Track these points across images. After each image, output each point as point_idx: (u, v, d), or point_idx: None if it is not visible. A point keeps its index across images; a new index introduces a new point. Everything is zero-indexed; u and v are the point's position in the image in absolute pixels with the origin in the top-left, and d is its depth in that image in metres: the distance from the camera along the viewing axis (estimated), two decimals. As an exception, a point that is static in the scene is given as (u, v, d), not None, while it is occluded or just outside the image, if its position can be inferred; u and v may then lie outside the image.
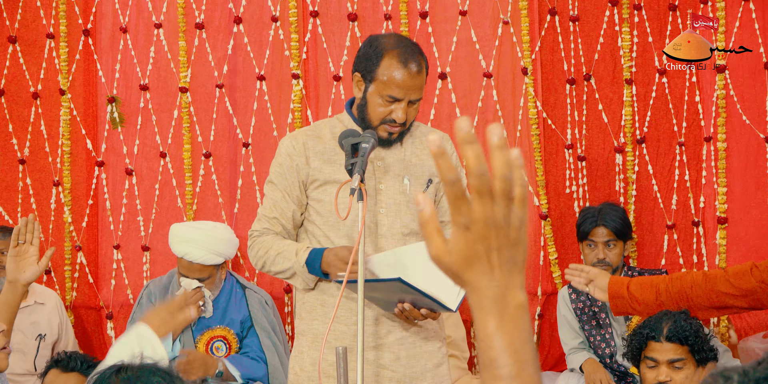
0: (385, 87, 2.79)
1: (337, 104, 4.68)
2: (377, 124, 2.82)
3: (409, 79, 2.78)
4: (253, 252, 2.88)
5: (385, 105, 2.80)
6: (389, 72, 2.78)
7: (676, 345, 3.13)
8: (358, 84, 2.86)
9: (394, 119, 2.80)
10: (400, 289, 2.62)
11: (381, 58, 2.80)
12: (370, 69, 2.81)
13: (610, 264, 4.23)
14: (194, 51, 4.79)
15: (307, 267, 2.77)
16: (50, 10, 4.86)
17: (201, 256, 4.14)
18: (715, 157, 4.55)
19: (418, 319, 2.77)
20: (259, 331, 4.27)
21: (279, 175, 2.90)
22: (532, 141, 4.60)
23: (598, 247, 4.23)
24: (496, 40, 4.64)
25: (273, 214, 2.88)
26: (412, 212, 2.89)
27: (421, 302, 2.70)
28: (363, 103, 2.85)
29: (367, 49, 2.84)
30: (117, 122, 4.83)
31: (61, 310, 4.62)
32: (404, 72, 2.77)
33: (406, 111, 2.80)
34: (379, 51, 2.81)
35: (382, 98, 2.80)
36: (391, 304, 2.74)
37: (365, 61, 2.83)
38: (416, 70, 2.79)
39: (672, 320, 3.15)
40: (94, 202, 4.84)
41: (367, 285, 2.60)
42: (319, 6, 4.71)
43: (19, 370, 4.39)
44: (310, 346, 2.89)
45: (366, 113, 2.84)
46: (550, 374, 4.54)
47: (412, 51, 2.81)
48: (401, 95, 2.79)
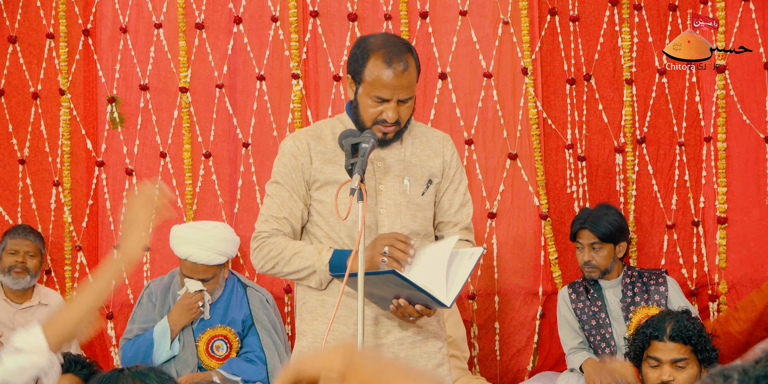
0: (372, 88, 2.78)
1: (337, 104, 4.68)
2: (370, 125, 2.82)
3: (395, 79, 2.77)
4: (263, 253, 2.84)
5: (375, 106, 2.80)
6: (374, 73, 2.77)
7: (679, 344, 3.13)
8: (350, 85, 2.86)
9: (385, 119, 2.80)
10: (394, 283, 2.62)
11: (367, 59, 2.79)
12: (357, 70, 2.81)
13: (597, 266, 4.23)
14: (194, 51, 4.79)
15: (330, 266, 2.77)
16: (50, 10, 4.86)
17: (205, 256, 4.14)
18: (715, 157, 4.55)
19: (413, 316, 2.75)
20: (260, 330, 4.27)
21: (284, 174, 2.89)
22: (532, 141, 4.60)
23: (584, 249, 4.24)
24: (496, 40, 4.64)
25: (282, 214, 2.86)
26: (412, 213, 2.89)
27: (416, 298, 2.69)
28: (355, 104, 2.85)
29: (356, 50, 2.84)
30: (117, 122, 4.83)
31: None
32: (389, 72, 2.76)
33: (396, 110, 2.79)
34: (365, 52, 2.80)
35: (370, 99, 2.80)
36: (387, 301, 2.74)
37: (353, 63, 2.83)
38: (402, 69, 2.77)
39: (675, 320, 3.15)
40: (94, 202, 4.84)
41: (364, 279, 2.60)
42: (319, 6, 4.71)
43: None
44: (310, 346, 2.88)
45: (358, 114, 2.84)
46: (550, 374, 4.54)
47: (398, 50, 2.79)
48: (388, 95, 2.78)
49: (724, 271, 4.54)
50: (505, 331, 4.67)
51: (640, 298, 4.23)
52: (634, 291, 4.25)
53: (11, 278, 4.51)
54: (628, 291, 4.26)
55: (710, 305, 4.56)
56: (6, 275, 4.51)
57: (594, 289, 4.30)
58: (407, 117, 2.86)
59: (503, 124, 4.64)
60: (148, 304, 4.34)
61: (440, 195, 2.97)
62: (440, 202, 2.97)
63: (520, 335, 4.66)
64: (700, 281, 4.57)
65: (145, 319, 4.31)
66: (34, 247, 4.58)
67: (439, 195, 2.97)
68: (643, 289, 4.25)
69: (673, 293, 4.25)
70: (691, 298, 4.52)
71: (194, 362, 4.22)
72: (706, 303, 4.58)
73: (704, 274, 4.57)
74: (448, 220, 2.98)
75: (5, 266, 4.52)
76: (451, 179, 2.98)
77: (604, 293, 4.30)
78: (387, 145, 2.89)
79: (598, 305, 4.27)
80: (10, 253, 4.53)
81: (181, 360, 4.22)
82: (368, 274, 2.62)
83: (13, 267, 4.51)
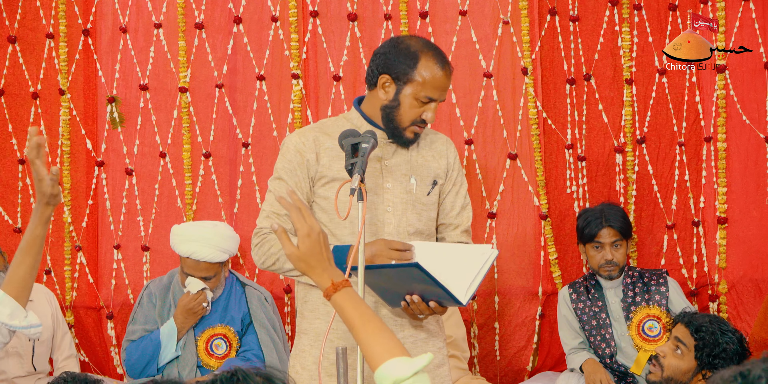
0: (422, 88, 2.80)
1: (337, 104, 4.68)
2: (407, 125, 2.84)
3: (446, 80, 2.83)
4: (263, 249, 2.85)
5: (420, 106, 2.82)
6: (428, 73, 2.80)
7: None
8: (387, 86, 2.84)
9: (424, 120, 2.83)
10: (413, 277, 2.60)
11: (418, 60, 2.80)
12: (404, 71, 2.81)
13: (618, 264, 4.23)
14: (194, 51, 4.79)
15: None
16: (50, 10, 4.86)
17: (208, 254, 4.15)
18: (715, 157, 4.55)
19: (424, 313, 2.75)
20: (258, 328, 4.27)
21: (288, 170, 2.88)
22: (532, 141, 4.60)
23: (605, 248, 4.23)
24: (496, 40, 4.64)
25: (284, 211, 2.86)
26: (418, 211, 2.90)
27: (431, 294, 2.68)
28: (394, 104, 2.84)
29: (394, 50, 2.84)
30: (117, 122, 4.83)
31: (53, 303, 4.57)
32: (443, 73, 2.81)
33: (436, 111, 2.84)
34: (413, 52, 2.82)
35: (418, 99, 2.81)
36: (398, 296, 2.72)
37: (397, 63, 2.82)
38: (451, 70, 2.85)
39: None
40: (94, 202, 4.84)
41: (381, 272, 2.60)
42: (319, 6, 4.71)
43: (21, 372, 4.38)
44: (311, 345, 2.88)
45: (397, 114, 2.84)
46: (550, 374, 4.54)
47: (442, 53, 2.86)
48: (438, 96, 2.82)
49: (724, 271, 4.54)
50: (505, 331, 4.67)
51: (641, 298, 4.23)
52: (635, 291, 4.25)
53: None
54: (629, 291, 4.25)
55: (710, 305, 4.56)
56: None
57: (595, 289, 4.29)
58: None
59: (503, 124, 4.64)
60: (148, 304, 4.34)
61: (443, 197, 2.98)
62: (443, 204, 2.98)
63: (520, 335, 4.66)
64: (700, 281, 4.57)
65: (145, 319, 4.31)
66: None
67: (442, 197, 2.98)
68: (643, 290, 4.25)
69: (674, 294, 4.25)
70: (691, 298, 4.52)
71: (194, 361, 4.22)
72: (706, 303, 4.58)
73: (704, 274, 4.57)
74: (450, 222, 2.98)
75: None
76: (453, 182, 3.00)
77: (605, 293, 4.30)
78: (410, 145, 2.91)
79: (598, 305, 4.27)
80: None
81: (181, 359, 4.22)
82: (391, 266, 2.63)
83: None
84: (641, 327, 4.21)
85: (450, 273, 2.68)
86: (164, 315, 4.29)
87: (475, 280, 2.70)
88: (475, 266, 2.71)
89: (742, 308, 4.52)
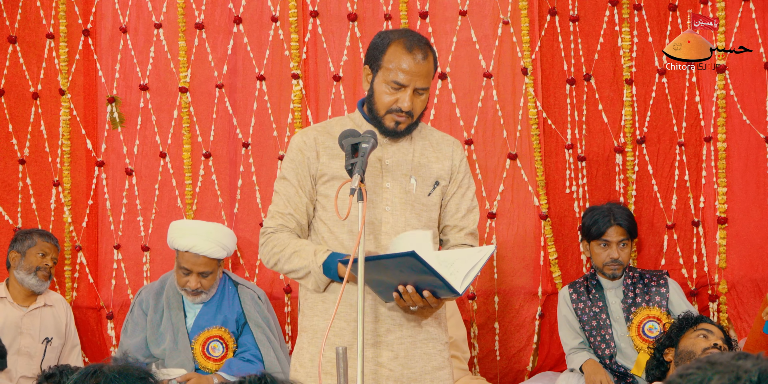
0: (390, 73, 2.81)
1: (337, 104, 4.69)
2: (383, 114, 2.84)
3: (414, 65, 2.80)
4: (267, 249, 2.87)
5: (391, 93, 2.82)
6: (394, 58, 2.81)
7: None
8: (367, 76, 2.89)
9: (400, 108, 2.81)
10: (408, 266, 2.59)
11: (387, 47, 2.83)
12: (376, 58, 2.84)
13: (622, 263, 4.24)
14: (194, 51, 4.79)
15: (323, 268, 2.76)
16: (50, 10, 4.86)
17: (207, 247, 4.14)
18: (715, 157, 4.55)
19: (417, 305, 2.73)
20: (253, 328, 4.26)
21: (291, 170, 2.91)
22: (532, 141, 4.60)
23: (612, 246, 4.23)
24: (496, 40, 4.64)
25: (287, 210, 2.88)
26: (417, 212, 2.90)
27: (425, 284, 2.67)
28: (370, 93, 2.87)
29: (376, 41, 2.89)
30: (117, 122, 4.83)
31: (69, 314, 4.63)
32: (409, 58, 2.80)
33: (411, 99, 2.82)
34: (386, 41, 2.85)
35: (387, 85, 2.82)
36: (392, 288, 2.71)
37: (372, 52, 2.87)
38: (421, 56, 2.81)
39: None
40: (94, 202, 4.84)
41: (375, 263, 2.59)
42: (319, 6, 4.71)
43: (28, 373, 4.39)
44: (310, 343, 2.88)
45: (373, 103, 2.86)
46: (550, 374, 4.53)
47: (418, 40, 2.84)
48: (406, 81, 2.80)
49: (724, 271, 4.54)
50: (505, 331, 4.66)
51: (641, 299, 4.23)
52: (635, 292, 4.25)
53: (36, 280, 4.48)
54: (630, 292, 4.25)
55: (710, 305, 4.56)
56: (31, 275, 4.48)
57: (596, 289, 4.29)
58: (420, 110, 2.88)
59: (503, 124, 4.64)
60: (138, 312, 4.34)
61: (447, 199, 2.98)
62: (447, 205, 2.98)
63: (520, 335, 4.66)
64: (700, 281, 4.57)
65: (133, 330, 4.30)
66: (57, 253, 4.58)
67: (446, 199, 2.98)
68: (644, 291, 4.25)
69: (675, 295, 4.25)
70: (691, 298, 4.52)
71: (191, 366, 4.19)
72: (706, 303, 4.58)
73: (704, 274, 4.57)
74: (455, 224, 2.98)
75: (32, 266, 4.48)
76: (459, 184, 2.99)
77: (606, 294, 4.30)
78: (398, 137, 2.90)
79: (599, 306, 4.27)
80: (40, 255, 4.50)
81: (178, 363, 4.19)
82: (387, 256, 2.62)
83: (41, 269, 4.48)
84: (641, 328, 4.21)
85: (446, 264, 2.68)
86: (156, 320, 4.27)
87: (472, 271, 2.69)
88: (472, 260, 2.71)
89: (742, 308, 4.52)
